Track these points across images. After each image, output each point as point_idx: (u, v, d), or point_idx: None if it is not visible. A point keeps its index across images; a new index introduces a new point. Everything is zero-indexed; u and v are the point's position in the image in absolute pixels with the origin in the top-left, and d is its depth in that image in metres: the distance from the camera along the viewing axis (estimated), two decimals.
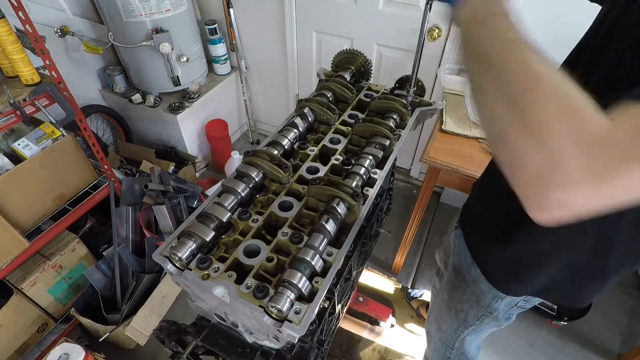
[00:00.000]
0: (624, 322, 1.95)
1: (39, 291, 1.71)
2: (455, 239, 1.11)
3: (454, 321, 1.13)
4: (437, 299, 1.23)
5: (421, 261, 2.25)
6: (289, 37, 2.36)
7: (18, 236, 1.50)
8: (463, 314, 1.08)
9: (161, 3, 2.06)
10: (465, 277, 1.01)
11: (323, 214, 0.75)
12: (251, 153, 0.84)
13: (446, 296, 1.14)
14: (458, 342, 1.20)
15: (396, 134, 0.95)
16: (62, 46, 2.23)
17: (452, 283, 1.09)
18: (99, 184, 1.84)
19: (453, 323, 1.14)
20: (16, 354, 1.73)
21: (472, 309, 1.03)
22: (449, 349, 1.25)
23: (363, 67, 1.17)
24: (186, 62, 2.30)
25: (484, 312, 1.01)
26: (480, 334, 1.14)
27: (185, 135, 2.51)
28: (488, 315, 1.01)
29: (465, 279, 1.02)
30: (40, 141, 1.55)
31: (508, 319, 1.02)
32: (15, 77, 1.61)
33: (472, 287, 0.99)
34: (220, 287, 0.67)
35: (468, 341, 1.19)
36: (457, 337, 1.18)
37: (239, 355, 0.88)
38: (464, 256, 1.00)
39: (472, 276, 0.98)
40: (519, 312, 0.99)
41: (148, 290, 1.79)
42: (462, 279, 1.03)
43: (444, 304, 1.16)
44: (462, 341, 1.19)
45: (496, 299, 0.94)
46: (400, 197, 2.61)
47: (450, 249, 1.16)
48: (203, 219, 0.75)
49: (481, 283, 0.95)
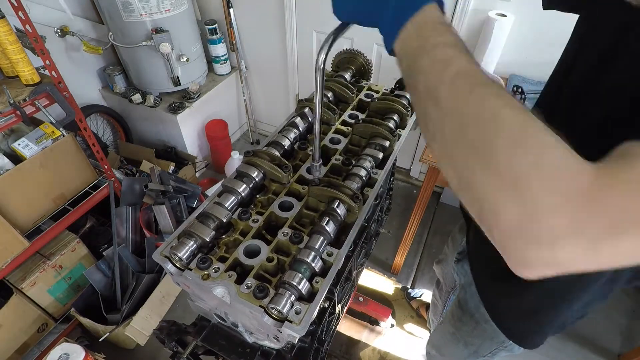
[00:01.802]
0: (624, 322, 1.95)
1: (39, 291, 1.71)
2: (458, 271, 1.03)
3: (462, 351, 1.06)
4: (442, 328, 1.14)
5: (421, 261, 2.25)
6: (289, 37, 2.36)
7: (18, 236, 1.50)
8: (474, 347, 1.00)
9: (161, 3, 2.06)
10: (474, 315, 0.93)
11: (323, 215, 0.75)
12: (251, 153, 0.84)
13: (452, 329, 1.06)
14: None
15: (396, 134, 0.95)
16: (62, 46, 2.23)
17: (459, 318, 1.00)
18: (99, 184, 1.84)
19: (462, 352, 1.06)
20: (16, 354, 1.73)
21: (485, 343, 0.96)
22: None
23: (363, 67, 1.17)
24: (186, 62, 2.30)
25: (497, 347, 0.93)
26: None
27: (185, 135, 2.51)
28: (503, 349, 0.93)
29: (474, 317, 0.94)
30: (40, 141, 1.55)
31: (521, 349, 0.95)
32: (15, 77, 1.61)
33: (484, 326, 0.91)
34: (220, 287, 0.67)
35: None
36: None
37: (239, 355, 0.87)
38: (470, 294, 0.92)
39: (483, 315, 0.89)
40: None
41: (148, 290, 1.79)
42: (469, 316, 0.95)
43: (449, 335, 1.07)
44: None
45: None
46: (400, 197, 2.61)
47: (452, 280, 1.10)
48: (203, 219, 0.75)
49: (494, 324, 0.87)
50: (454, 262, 1.08)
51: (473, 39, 1.84)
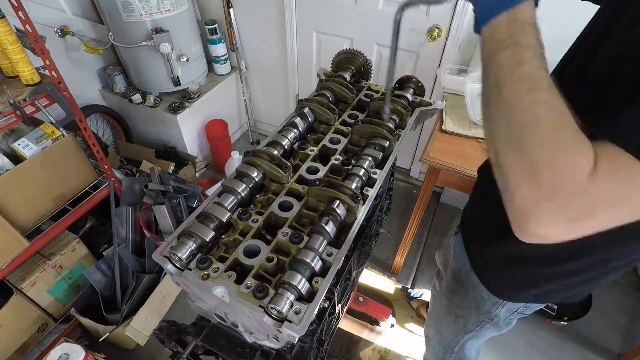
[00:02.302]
0: (624, 322, 1.95)
1: (39, 291, 1.71)
2: (454, 244, 1.10)
3: (453, 326, 1.12)
4: (437, 303, 1.22)
5: (421, 261, 2.25)
6: (289, 37, 2.36)
7: (18, 236, 1.50)
8: (463, 320, 1.07)
9: (161, 3, 2.06)
10: (464, 283, 1.01)
11: (323, 216, 0.75)
12: (251, 153, 0.84)
13: (445, 301, 1.13)
14: (458, 347, 1.19)
15: (396, 134, 0.95)
16: (62, 46, 2.23)
17: (452, 289, 1.08)
18: (99, 184, 1.84)
19: (453, 328, 1.13)
20: (16, 354, 1.73)
21: (472, 314, 1.02)
22: (448, 352, 1.24)
23: (363, 67, 1.17)
24: (186, 62, 2.30)
25: (484, 319, 1.00)
26: (480, 339, 1.13)
27: (185, 135, 2.51)
28: (488, 321, 1.00)
29: (464, 285, 1.01)
30: (40, 141, 1.55)
31: (508, 324, 1.01)
32: (15, 77, 1.61)
33: (472, 294, 0.98)
34: (220, 287, 0.67)
35: (468, 346, 1.18)
36: (457, 341, 1.17)
37: (239, 355, 0.88)
38: (463, 262, 0.99)
39: (472, 283, 0.97)
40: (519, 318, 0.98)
41: (148, 290, 1.79)
42: (461, 284, 1.02)
43: (443, 308, 1.15)
44: (462, 346, 1.18)
45: (497, 305, 0.93)
46: (400, 197, 2.61)
47: (450, 253, 1.16)
48: (203, 219, 0.75)
49: (481, 290, 0.94)
50: (453, 235, 1.13)
51: (473, 39, 1.84)
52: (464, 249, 1.00)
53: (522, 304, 0.92)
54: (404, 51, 2.09)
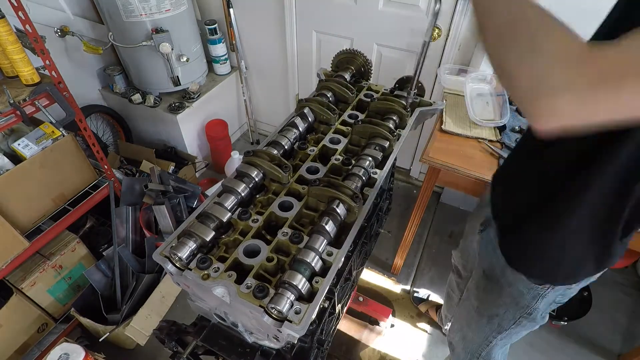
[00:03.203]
0: (624, 322, 1.95)
1: (39, 291, 1.71)
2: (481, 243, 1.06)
3: (485, 328, 1.09)
4: (464, 306, 1.18)
5: (421, 261, 2.25)
6: (289, 37, 2.36)
7: (18, 236, 1.50)
8: (498, 319, 1.04)
9: (161, 3, 2.06)
10: (499, 281, 0.97)
11: (323, 216, 0.75)
12: (251, 153, 0.84)
13: (476, 302, 1.09)
14: (485, 351, 1.17)
15: (396, 134, 0.95)
16: (62, 46, 2.23)
17: (483, 288, 1.04)
18: (99, 184, 1.84)
19: (484, 330, 1.10)
20: (16, 354, 1.73)
21: (509, 311, 1.00)
22: (474, 358, 1.22)
23: (363, 67, 1.17)
24: (186, 62, 2.30)
25: (522, 314, 0.97)
26: (512, 339, 1.10)
27: (185, 135, 2.51)
28: (526, 316, 0.97)
29: (499, 282, 0.97)
30: (40, 141, 1.55)
31: (544, 318, 0.99)
32: (15, 77, 1.61)
33: (509, 290, 0.95)
34: (220, 287, 0.67)
35: (496, 349, 1.15)
36: (485, 345, 1.14)
37: (239, 355, 0.88)
38: (496, 259, 0.96)
39: (508, 279, 0.93)
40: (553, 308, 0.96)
41: (148, 290, 1.79)
42: (495, 282, 0.99)
43: (473, 310, 1.11)
44: (490, 349, 1.15)
45: (536, 298, 0.91)
46: (400, 197, 2.61)
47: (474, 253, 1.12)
48: (203, 219, 0.75)
49: (519, 284, 0.91)
50: (478, 232, 1.10)
51: (473, 39, 1.84)
52: (493, 245, 0.97)
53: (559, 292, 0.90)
54: (404, 51, 2.09)
